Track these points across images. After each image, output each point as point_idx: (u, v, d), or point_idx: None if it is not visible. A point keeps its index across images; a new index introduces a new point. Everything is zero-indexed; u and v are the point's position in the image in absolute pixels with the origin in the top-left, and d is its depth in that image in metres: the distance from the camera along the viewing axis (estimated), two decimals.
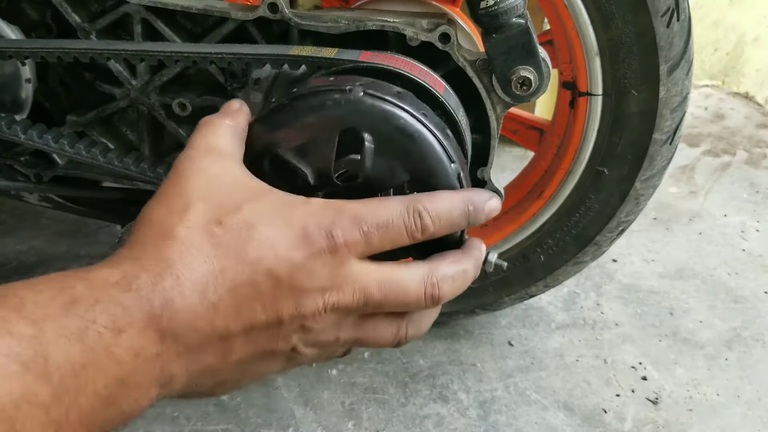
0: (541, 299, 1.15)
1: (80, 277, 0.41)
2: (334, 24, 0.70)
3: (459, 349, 1.04)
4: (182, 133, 0.79)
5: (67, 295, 0.39)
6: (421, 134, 0.53)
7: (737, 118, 1.92)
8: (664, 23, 0.73)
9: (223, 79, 0.75)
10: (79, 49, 0.72)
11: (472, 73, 0.70)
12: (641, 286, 1.20)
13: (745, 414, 0.94)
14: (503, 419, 0.92)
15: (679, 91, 0.79)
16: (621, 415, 0.93)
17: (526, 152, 1.64)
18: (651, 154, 0.82)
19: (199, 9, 0.72)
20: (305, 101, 0.54)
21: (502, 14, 0.63)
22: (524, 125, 1.03)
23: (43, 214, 1.36)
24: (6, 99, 0.79)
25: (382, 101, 0.53)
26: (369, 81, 0.56)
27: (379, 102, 0.53)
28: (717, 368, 1.02)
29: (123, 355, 0.39)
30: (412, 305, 0.50)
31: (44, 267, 1.21)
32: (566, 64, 0.87)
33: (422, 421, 0.92)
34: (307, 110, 0.53)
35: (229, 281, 0.44)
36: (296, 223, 0.46)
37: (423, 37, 0.69)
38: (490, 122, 0.71)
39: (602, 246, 0.92)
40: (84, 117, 0.79)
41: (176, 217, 0.46)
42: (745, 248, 1.32)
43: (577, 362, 1.02)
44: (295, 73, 0.71)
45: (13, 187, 0.87)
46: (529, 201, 0.94)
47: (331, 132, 0.53)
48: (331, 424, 0.91)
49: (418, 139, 0.53)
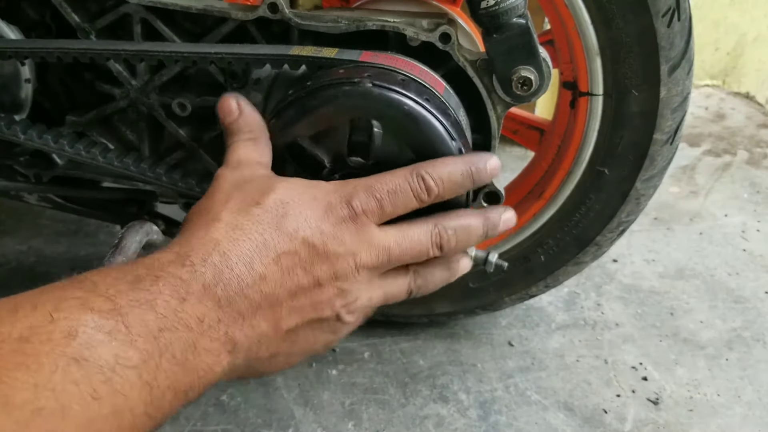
0: (542, 299, 1.14)
1: (139, 263, 0.46)
2: (334, 24, 0.70)
3: (459, 350, 1.04)
4: (182, 133, 0.79)
5: (131, 275, 0.44)
6: (423, 117, 0.59)
7: (738, 118, 1.91)
8: (665, 23, 0.73)
9: (223, 79, 0.74)
10: (79, 49, 0.71)
11: (473, 73, 0.69)
12: (642, 287, 1.20)
13: (746, 414, 0.93)
14: (503, 420, 0.92)
15: (680, 91, 0.79)
16: (621, 415, 0.93)
17: (526, 152, 1.63)
18: (652, 154, 0.82)
19: (199, 9, 0.72)
20: (319, 94, 0.59)
21: (502, 14, 0.63)
22: (525, 125, 1.03)
23: (43, 214, 1.36)
24: (5, 99, 0.78)
25: (387, 90, 0.59)
26: (376, 71, 0.61)
27: (385, 91, 0.58)
28: (717, 368, 1.02)
29: (190, 321, 0.44)
30: (424, 253, 0.58)
31: (44, 267, 1.21)
32: (567, 64, 0.87)
33: (422, 421, 0.92)
34: (321, 102, 0.59)
35: (272, 252, 0.50)
36: (321, 198, 0.54)
37: (423, 37, 0.69)
38: (491, 122, 0.71)
39: (603, 246, 0.92)
40: (84, 117, 0.79)
41: (219, 206, 0.52)
42: (745, 248, 1.31)
43: (577, 362, 1.02)
44: (295, 73, 0.71)
45: (12, 187, 0.87)
46: (530, 201, 0.94)
47: (343, 120, 0.59)
48: (331, 424, 0.91)
49: (422, 121, 0.59)
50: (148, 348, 0.41)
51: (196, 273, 0.46)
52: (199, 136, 0.79)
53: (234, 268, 0.47)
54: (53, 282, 0.43)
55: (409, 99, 0.59)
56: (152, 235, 0.55)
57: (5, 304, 0.40)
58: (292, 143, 0.60)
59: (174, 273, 0.45)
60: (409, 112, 0.58)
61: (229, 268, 0.47)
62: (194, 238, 0.49)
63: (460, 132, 0.62)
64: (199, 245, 0.48)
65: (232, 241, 0.49)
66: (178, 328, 0.43)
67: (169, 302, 0.43)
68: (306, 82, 0.62)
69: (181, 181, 0.79)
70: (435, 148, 0.59)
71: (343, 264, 0.53)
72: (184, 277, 0.45)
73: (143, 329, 0.41)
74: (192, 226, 0.51)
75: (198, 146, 0.79)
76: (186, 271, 0.46)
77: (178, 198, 0.83)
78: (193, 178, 0.79)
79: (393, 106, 0.58)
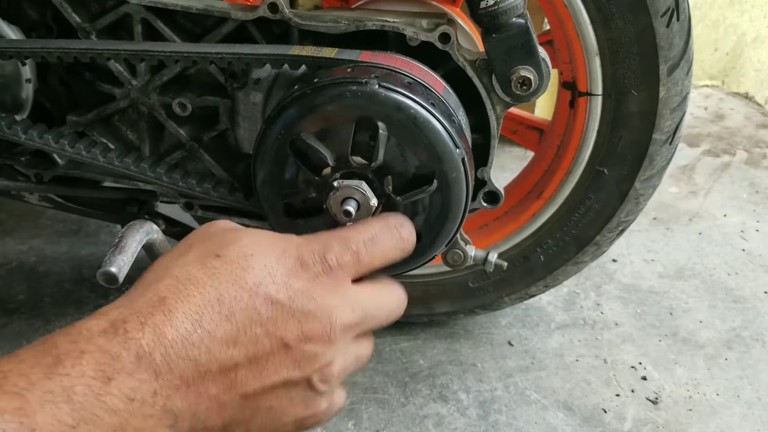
0: (541, 299, 1.15)
1: (65, 333, 0.41)
2: (334, 24, 0.70)
3: (459, 349, 1.04)
4: (182, 133, 0.79)
5: (50, 356, 0.39)
6: (429, 122, 0.58)
7: (737, 118, 1.92)
8: (664, 23, 0.74)
9: (223, 79, 0.75)
10: (80, 49, 0.72)
11: (472, 73, 0.70)
12: (641, 286, 1.20)
13: (745, 414, 0.94)
14: (503, 419, 0.92)
15: (679, 91, 0.79)
16: (621, 414, 0.93)
17: (526, 152, 1.64)
18: (651, 154, 0.82)
19: (199, 9, 0.72)
20: (325, 92, 0.59)
21: (501, 14, 0.63)
22: (524, 125, 1.03)
23: (43, 214, 1.36)
24: (6, 99, 0.79)
25: (394, 92, 0.58)
26: (383, 72, 0.61)
27: (392, 93, 0.58)
28: (717, 368, 1.02)
29: (116, 403, 0.39)
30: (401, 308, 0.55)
31: (44, 266, 1.21)
32: (566, 64, 0.87)
33: (422, 420, 0.92)
34: (327, 100, 0.58)
35: (226, 309, 0.44)
36: (292, 252, 0.48)
37: (423, 37, 0.69)
38: (490, 122, 0.71)
39: (602, 246, 0.93)
40: (84, 117, 0.79)
41: (173, 261, 0.47)
42: (744, 248, 1.32)
43: (576, 362, 1.02)
44: (295, 72, 0.71)
45: (13, 187, 0.87)
46: (529, 201, 0.94)
47: (348, 120, 0.58)
48: (331, 423, 0.91)
49: (427, 126, 0.58)
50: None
51: (129, 342, 0.40)
52: (199, 136, 0.80)
53: (179, 327, 0.42)
54: (52, 279, 0.40)
55: (416, 103, 0.59)
56: (152, 235, 0.53)
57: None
58: (295, 139, 0.60)
59: (102, 347, 0.40)
60: (416, 117, 0.58)
61: (173, 327, 0.42)
62: (138, 298, 0.44)
63: (463, 138, 0.62)
64: (141, 306, 0.43)
65: (180, 296, 0.43)
66: (99, 417, 0.38)
67: (91, 387, 0.38)
68: (312, 79, 0.62)
69: (181, 181, 0.79)
70: (438, 155, 0.59)
71: (315, 324, 0.47)
72: (113, 351, 0.40)
73: (54, 428, 0.36)
74: (140, 285, 0.46)
75: (198, 146, 0.79)
76: (117, 343, 0.40)
77: (178, 197, 0.83)
78: (193, 177, 0.79)
79: (400, 109, 0.58)
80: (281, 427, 0.49)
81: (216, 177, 0.80)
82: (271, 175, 0.62)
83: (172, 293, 0.43)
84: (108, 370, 0.39)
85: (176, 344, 0.42)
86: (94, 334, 0.41)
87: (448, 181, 0.59)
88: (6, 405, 0.36)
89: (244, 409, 0.46)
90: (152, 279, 0.45)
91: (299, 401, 0.48)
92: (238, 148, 0.78)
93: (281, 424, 0.48)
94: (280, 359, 0.46)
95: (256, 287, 0.45)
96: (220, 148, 0.81)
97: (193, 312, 0.43)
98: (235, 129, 0.77)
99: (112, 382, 0.39)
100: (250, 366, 0.45)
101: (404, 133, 0.58)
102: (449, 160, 0.59)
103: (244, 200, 0.78)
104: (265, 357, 0.45)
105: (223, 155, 0.80)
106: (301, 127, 0.59)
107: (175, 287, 0.44)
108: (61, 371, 0.38)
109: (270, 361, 0.46)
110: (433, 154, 0.59)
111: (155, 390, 0.41)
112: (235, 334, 0.44)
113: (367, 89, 0.58)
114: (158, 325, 0.42)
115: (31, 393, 0.37)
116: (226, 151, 0.81)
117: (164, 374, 0.41)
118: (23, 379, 0.38)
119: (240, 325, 0.44)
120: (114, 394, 0.39)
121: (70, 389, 0.38)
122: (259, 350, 0.45)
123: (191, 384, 0.42)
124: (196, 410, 0.43)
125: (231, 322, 0.44)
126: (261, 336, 0.45)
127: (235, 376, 0.44)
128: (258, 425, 0.47)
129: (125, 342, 0.40)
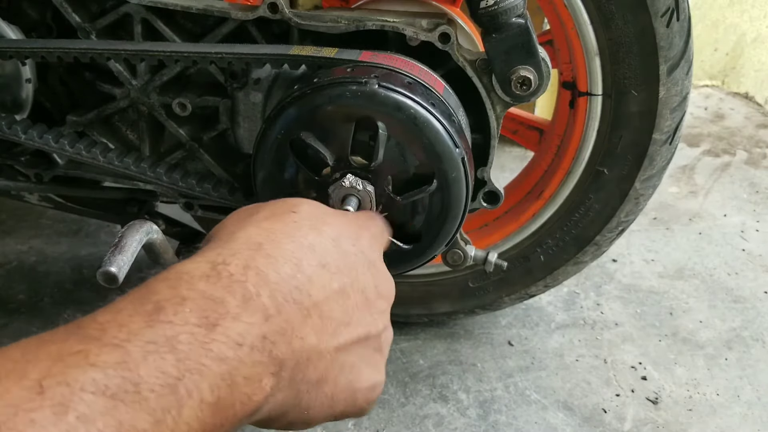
0: (541, 299, 1.15)
1: (163, 278, 0.39)
2: (334, 24, 0.70)
3: (459, 349, 1.04)
4: (182, 133, 0.79)
5: (150, 304, 0.37)
6: (429, 122, 0.59)
7: (737, 118, 1.92)
8: (664, 23, 0.74)
9: (223, 79, 0.75)
10: (80, 49, 0.72)
11: (472, 73, 0.70)
12: (641, 286, 1.20)
13: (745, 414, 0.94)
14: (503, 419, 0.92)
15: (679, 91, 0.79)
16: (621, 414, 0.93)
17: (526, 152, 1.64)
18: (651, 154, 0.82)
19: (199, 9, 0.72)
20: (325, 91, 0.59)
21: (501, 14, 0.63)
22: (524, 125, 1.03)
23: (43, 214, 1.36)
24: (6, 99, 0.79)
25: (394, 92, 0.58)
26: (383, 72, 0.61)
27: (392, 93, 0.58)
28: (717, 368, 1.02)
29: (224, 350, 0.37)
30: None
31: (45, 266, 1.21)
32: (566, 64, 0.87)
33: (422, 420, 0.92)
34: (327, 100, 0.59)
35: (318, 256, 0.45)
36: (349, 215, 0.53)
37: (423, 36, 0.69)
38: (490, 122, 0.72)
39: (602, 246, 0.93)
40: (84, 117, 0.79)
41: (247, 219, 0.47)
42: (744, 248, 1.32)
43: (576, 362, 1.02)
44: (295, 72, 0.71)
45: (13, 187, 0.87)
46: (529, 201, 0.94)
47: (348, 120, 0.58)
48: (331, 423, 0.91)
49: (427, 126, 0.59)
50: (164, 404, 0.34)
51: (234, 285, 0.39)
52: (199, 136, 0.80)
53: (280, 270, 0.42)
54: (52, 279, 0.39)
55: (416, 103, 0.59)
56: (152, 235, 0.53)
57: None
58: (295, 138, 0.60)
59: (205, 292, 0.38)
60: (415, 116, 0.58)
61: (276, 271, 0.41)
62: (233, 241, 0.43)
63: (462, 138, 0.62)
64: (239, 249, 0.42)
65: (274, 243, 0.43)
66: (206, 366, 0.36)
67: (195, 335, 0.36)
68: (312, 79, 0.62)
69: (181, 181, 0.79)
70: (439, 155, 0.59)
71: (384, 280, 0.50)
72: (216, 295, 0.38)
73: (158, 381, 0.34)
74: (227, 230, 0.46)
75: (198, 146, 0.79)
76: (221, 287, 0.39)
77: (178, 197, 0.83)
78: (193, 177, 0.79)
79: (400, 108, 0.58)
80: (357, 393, 0.48)
81: (216, 177, 0.80)
82: (271, 175, 0.62)
83: (266, 240, 0.44)
84: (212, 315, 0.37)
85: (281, 286, 0.41)
86: (194, 278, 0.39)
87: (447, 181, 0.59)
88: (107, 358, 0.33)
89: (335, 363, 0.45)
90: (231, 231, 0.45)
91: (372, 363, 0.49)
92: (238, 148, 0.79)
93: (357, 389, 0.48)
94: (361, 312, 0.47)
95: (337, 240, 0.47)
96: (220, 148, 0.81)
97: (291, 256, 0.43)
98: (235, 129, 0.77)
99: (217, 328, 0.37)
100: (342, 315, 0.45)
101: (404, 133, 0.58)
102: (449, 159, 0.59)
103: (244, 200, 0.78)
104: (352, 307, 0.46)
105: (223, 155, 0.80)
106: (300, 126, 0.59)
107: (266, 236, 0.44)
108: (162, 319, 0.36)
109: (355, 313, 0.46)
110: (432, 153, 0.59)
111: (264, 334, 0.39)
112: (329, 282, 0.44)
113: (367, 89, 0.58)
114: (260, 268, 0.41)
115: (132, 344, 0.34)
116: (226, 151, 0.81)
117: (273, 317, 0.40)
118: (123, 330, 0.35)
119: (332, 273, 0.45)
120: (221, 341, 0.37)
121: (173, 338, 0.35)
122: (349, 300, 0.46)
123: (296, 329, 0.41)
124: (299, 359, 0.42)
125: (325, 269, 0.45)
126: (347, 286, 0.46)
127: (329, 323, 0.44)
128: (341, 386, 0.46)
129: (230, 285, 0.39)
